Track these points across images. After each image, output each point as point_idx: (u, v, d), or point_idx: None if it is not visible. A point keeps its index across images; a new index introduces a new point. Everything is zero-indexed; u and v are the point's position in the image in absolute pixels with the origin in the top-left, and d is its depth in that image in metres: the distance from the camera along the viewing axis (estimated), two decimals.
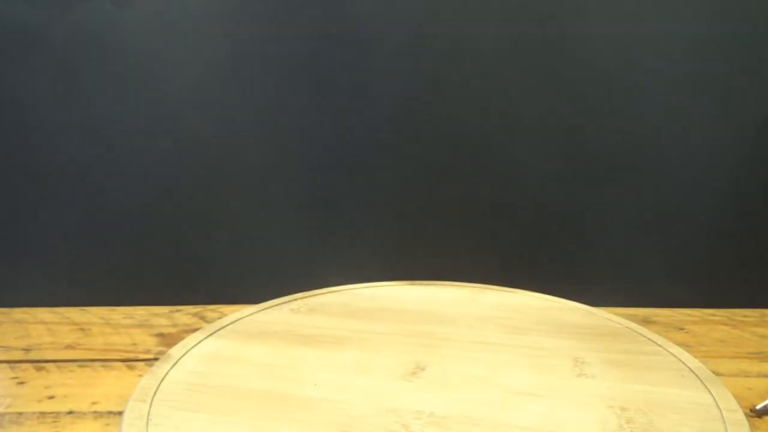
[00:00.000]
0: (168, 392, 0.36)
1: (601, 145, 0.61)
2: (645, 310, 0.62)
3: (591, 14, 0.58)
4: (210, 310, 0.61)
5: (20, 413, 0.42)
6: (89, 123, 0.60)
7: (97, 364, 0.49)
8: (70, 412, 0.42)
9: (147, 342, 0.54)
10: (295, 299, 0.51)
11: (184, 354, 0.41)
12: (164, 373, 0.38)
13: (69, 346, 0.53)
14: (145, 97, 0.59)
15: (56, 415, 0.42)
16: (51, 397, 0.44)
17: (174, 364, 0.39)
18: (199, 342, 0.43)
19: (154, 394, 0.36)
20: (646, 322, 0.58)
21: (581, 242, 0.63)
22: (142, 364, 0.49)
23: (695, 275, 0.63)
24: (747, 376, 0.48)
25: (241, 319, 0.47)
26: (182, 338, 0.43)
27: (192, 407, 0.35)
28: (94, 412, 0.42)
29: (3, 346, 0.53)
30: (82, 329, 0.56)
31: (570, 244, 0.63)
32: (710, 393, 0.36)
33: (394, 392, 0.36)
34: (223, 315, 0.47)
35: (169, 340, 0.54)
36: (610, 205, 0.62)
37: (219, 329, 0.45)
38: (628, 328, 0.47)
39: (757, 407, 0.40)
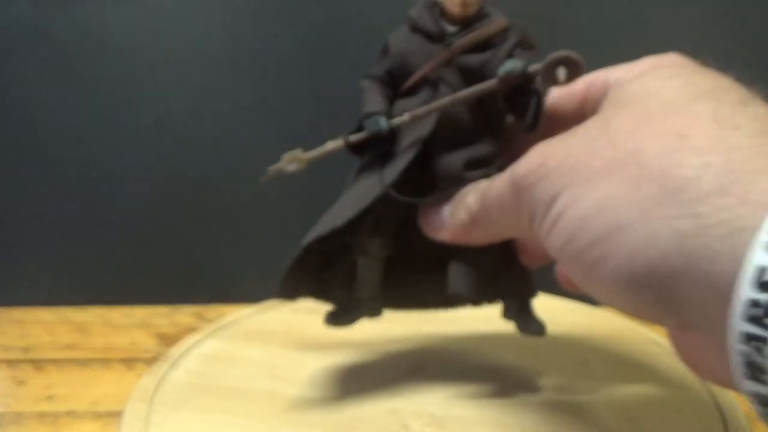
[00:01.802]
0: (168, 392, 0.36)
1: None
2: None
3: (591, 13, 0.58)
4: (210, 310, 0.60)
5: (19, 413, 0.42)
6: (89, 122, 0.60)
7: (96, 364, 0.49)
8: (70, 412, 0.42)
9: (147, 342, 0.54)
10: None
11: (184, 353, 0.41)
12: (164, 373, 0.38)
13: (68, 346, 0.53)
14: (145, 97, 0.59)
15: (55, 415, 0.42)
16: (50, 397, 0.44)
17: (173, 364, 0.39)
18: (199, 342, 0.43)
19: (154, 393, 0.36)
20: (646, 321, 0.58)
21: None
22: (141, 364, 0.49)
23: None
24: None
25: (241, 319, 0.47)
26: (182, 338, 0.43)
27: (191, 407, 0.35)
28: (94, 412, 0.42)
29: (2, 346, 0.53)
30: (81, 329, 0.56)
31: None
32: (710, 393, 0.36)
33: (393, 392, 0.36)
34: (223, 315, 0.47)
35: (169, 340, 0.54)
36: None
37: (218, 329, 0.45)
38: (629, 328, 0.47)
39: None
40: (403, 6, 0.59)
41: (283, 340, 0.43)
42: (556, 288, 0.54)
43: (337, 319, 0.36)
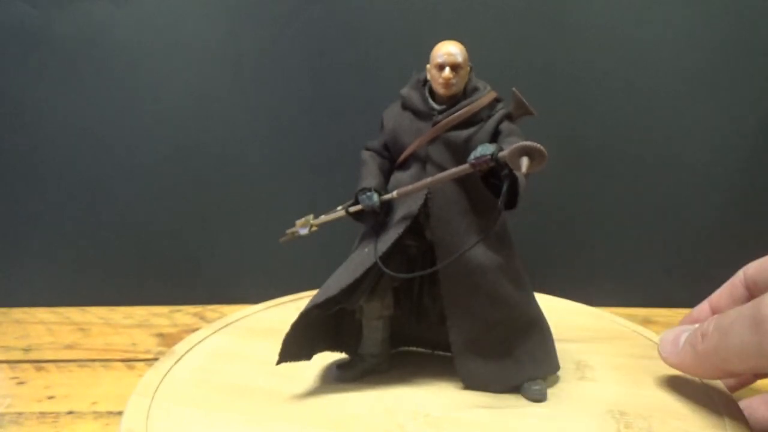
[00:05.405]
0: (170, 387, 0.36)
1: (600, 145, 0.61)
2: (645, 310, 0.62)
3: (591, 15, 0.58)
4: (210, 310, 0.61)
5: (20, 413, 0.42)
6: (89, 123, 0.59)
7: (97, 364, 0.49)
8: (70, 412, 0.42)
9: (147, 342, 0.54)
10: (301, 298, 0.51)
11: (190, 350, 0.41)
12: (168, 368, 0.38)
13: (69, 346, 0.53)
14: (145, 97, 0.59)
15: (56, 415, 0.42)
16: (51, 397, 0.44)
17: (179, 360, 0.40)
18: (205, 338, 0.43)
19: (157, 388, 0.36)
20: (646, 322, 0.58)
21: (581, 242, 0.63)
22: (142, 364, 0.49)
23: (695, 275, 0.63)
24: None
25: (247, 316, 0.47)
26: (182, 338, 0.43)
27: (192, 402, 0.35)
28: (94, 412, 0.42)
29: (3, 346, 0.53)
30: (82, 329, 0.56)
31: (570, 244, 0.63)
32: (711, 398, 0.36)
33: (391, 392, 0.36)
34: (222, 315, 0.47)
35: (169, 340, 0.54)
36: (609, 205, 0.62)
37: (225, 326, 0.45)
38: (634, 331, 0.46)
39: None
40: (404, 7, 0.59)
41: None
42: (556, 289, 0.54)
43: (344, 371, 0.38)
